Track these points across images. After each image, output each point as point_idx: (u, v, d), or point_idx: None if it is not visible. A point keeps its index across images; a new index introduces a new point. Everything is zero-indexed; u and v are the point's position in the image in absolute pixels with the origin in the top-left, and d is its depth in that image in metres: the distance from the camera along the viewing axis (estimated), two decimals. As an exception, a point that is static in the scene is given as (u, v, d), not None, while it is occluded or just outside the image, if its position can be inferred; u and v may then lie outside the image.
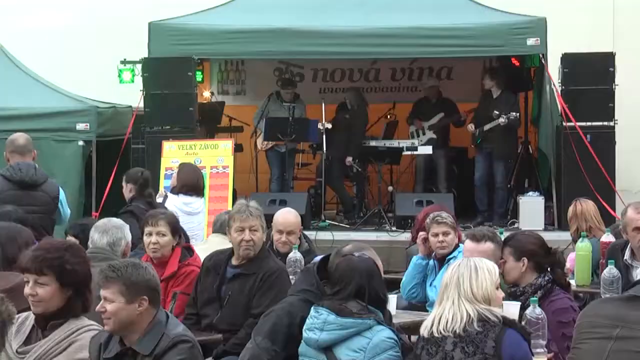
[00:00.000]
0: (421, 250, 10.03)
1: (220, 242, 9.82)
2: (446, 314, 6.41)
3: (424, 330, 6.51)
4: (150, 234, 9.15)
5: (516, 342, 6.32)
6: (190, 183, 12.60)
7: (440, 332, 6.38)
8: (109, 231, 8.76)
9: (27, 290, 6.50)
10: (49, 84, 17.34)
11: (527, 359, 6.36)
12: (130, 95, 17.08)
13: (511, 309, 6.88)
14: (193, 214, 12.34)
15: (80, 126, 16.17)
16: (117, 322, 6.13)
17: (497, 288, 6.46)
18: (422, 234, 10.09)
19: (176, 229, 9.32)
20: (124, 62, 17.37)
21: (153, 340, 6.16)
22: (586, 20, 18.06)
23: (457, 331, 6.32)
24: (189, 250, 9.57)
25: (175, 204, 12.16)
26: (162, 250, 9.09)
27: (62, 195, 11.49)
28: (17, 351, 6.50)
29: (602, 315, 6.28)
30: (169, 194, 12.51)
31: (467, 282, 6.39)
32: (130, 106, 17.08)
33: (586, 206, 11.54)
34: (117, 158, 16.34)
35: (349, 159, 16.97)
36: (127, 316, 6.12)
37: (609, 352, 6.08)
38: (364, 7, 16.41)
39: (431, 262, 10.06)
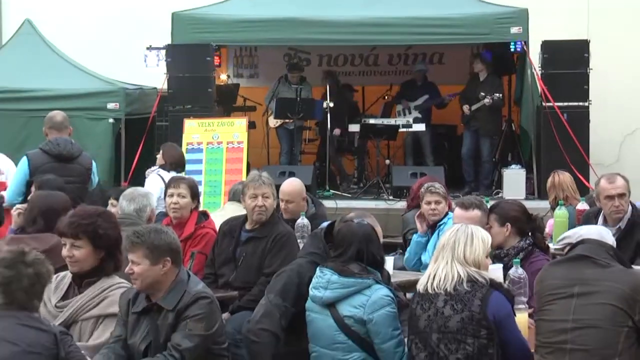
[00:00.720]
0: (421, 229, 10.03)
1: (235, 209, 9.82)
2: (439, 272, 6.43)
3: (419, 286, 6.54)
4: (172, 195, 9.21)
5: (500, 302, 6.33)
6: (177, 160, 12.70)
7: (434, 289, 6.40)
8: (135, 199, 8.80)
9: (64, 252, 6.54)
10: (83, 68, 17.34)
11: (509, 318, 6.37)
12: (155, 78, 17.07)
13: (496, 273, 6.87)
14: None
15: (111, 106, 16.20)
16: (144, 282, 6.17)
17: (487, 256, 6.48)
18: (418, 212, 10.12)
19: (195, 193, 9.34)
20: (149, 48, 17.35)
21: (176, 297, 6.18)
22: (563, 6, 17.99)
23: (448, 289, 6.34)
24: (204, 215, 9.60)
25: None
26: (181, 210, 9.12)
27: (94, 167, 11.50)
28: (56, 305, 6.56)
29: (558, 277, 6.36)
30: (160, 170, 12.49)
31: (462, 246, 6.41)
32: (155, 88, 17.10)
33: (563, 177, 11.57)
34: (144, 134, 16.40)
35: (337, 130, 17.02)
36: (153, 276, 6.16)
37: (574, 307, 6.14)
38: (364, -2, 16.41)
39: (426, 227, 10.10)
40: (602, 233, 6.61)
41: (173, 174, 12.12)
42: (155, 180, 12.13)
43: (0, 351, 5.34)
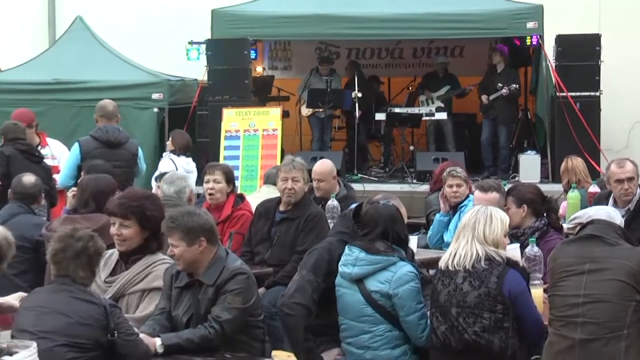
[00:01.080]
0: (443, 208, 10.03)
1: (270, 192, 9.85)
2: (460, 251, 6.45)
3: (441, 264, 6.57)
4: (208, 181, 9.25)
5: (516, 279, 6.36)
6: (185, 145, 12.83)
7: (454, 267, 6.42)
8: (175, 182, 8.88)
9: (113, 230, 6.60)
10: (130, 61, 17.38)
11: (524, 294, 6.40)
12: (196, 70, 17.11)
13: (513, 252, 6.88)
14: (190, 172, 12.40)
15: (155, 96, 16.23)
16: (184, 262, 6.22)
17: (505, 236, 6.50)
18: (441, 192, 10.12)
19: (230, 178, 9.37)
20: (191, 42, 17.39)
21: (215, 273, 6.21)
22: (577, 2, 17.90)
23: (467, 267, 6.37)
24: (241, 198, 9.63)
25: (180, 163, 12.26)
26: (217, 195, 9.15)
27: (140, 152, 11.54)
28: (105, 280, 6.61)
29: (571, 255, 6.35)
30: (171, 155, 12.59)
31: (482, 226, 6.43)
32: (196, 79, 17.12)
33: (576, 162, 11.53)
34: (185, 122, 16.41)
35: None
36: (191, 256, 6.20)
37: (585, 283, 6.14)
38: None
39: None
40: (610, 213, 6.59)
41: (183, 157, 12.27)
42: (167, 163, 12.37)
43: (55, 322, 5.39)
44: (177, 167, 12.26)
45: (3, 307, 6.44)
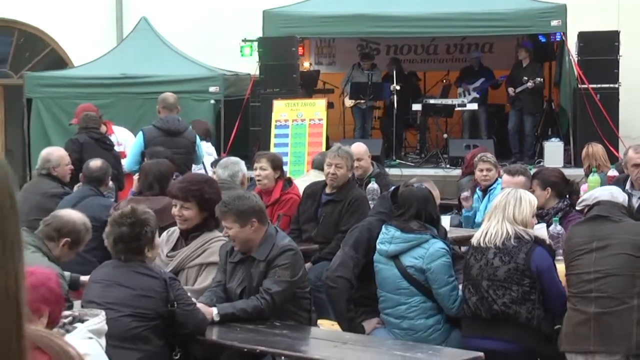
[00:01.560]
0: (466, 205, 10.03)
1: (317, 176, 9.90)
2: (491, 229, 6.49)
3: (473, 240, 6.63)
4: (256, 169, 9.28)
5: (542, 255, 6.40)
6: (204, 132, 12.97)
7: (485, 244, 6.45)
8: (229, 166, 8.93)
9: (174, 211, 6.66)
10: (189, 57, 17.45)
11: (550, 269, 6.45)
12: (249, 65, 17.16)
13: (541, 231, 6.90)
14: (210, 155, 12.53)
15: (212, 89, 16.28)
16: (239, 242, 6.28)
17: (532, 216, 6.52)
18: (463, 195, 10.13)
19: (276, 165, 9.38)
20: (244, 40, 17.45)
21: (266, 249, 6.25)
22: (597, 1, 17.75)
23: (498, 244, 6.41)
24: (289, 182, 9.65)
25: (204, 148, 12.30)
26: (264, 180, 9.17)
27: (198, 140, 11.58)
28: (167, 255, 6.68)
29: (581, 235, 6.44)
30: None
31: (512, 208, 6.46)
32: (249, 74, 17.15)
33: (596, 149, 11.48)
34: (239, 113, 16.49)
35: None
36: (245, 236, 6.24)
37: (595, 260, 6.20)
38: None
39: (478, 192, 10.07)
40: (613, 193, 6.64)
41: (203, 142, 12.25)
42: None
43: (119, 294, 5.44)
44: None
45: (83, 284, 6.55)
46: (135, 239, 5.68)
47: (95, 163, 9.28)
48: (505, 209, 6.49)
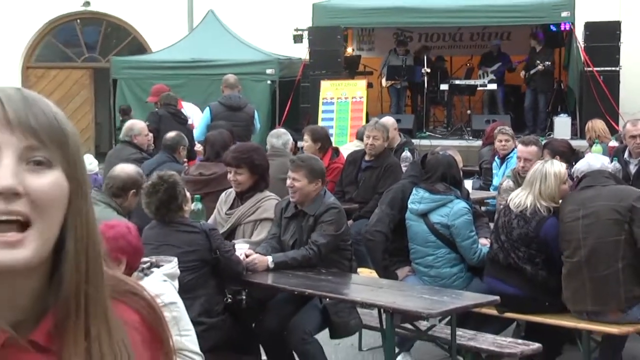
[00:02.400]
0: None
1: (358, 145, 9.93)
2: (518, 198, 6.52)
3: (509, 200, 6.64)
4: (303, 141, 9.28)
5: (552, 226, 6.39)
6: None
7: (510, 208, 6.44)
8: (281, 136, 8.95)
9: (230, 176, 6.66)
10: (249, 44, 17.49)
11: (555, 239, 6.37)
12: (300, 51, 17.13)
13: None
14: None
15: (269, 71, 16.33)
16: (300, 194, 6.27)
17: (564, 183, 6.45)
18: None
19: (316, 138, 9.42)
20: (296, 29, 17.39)
21: (316, 206, 6.25)
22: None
23: (519, 210, 6.39)
24: (337, 152, 9.65)
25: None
26: (306, 150, 9.13)
27: (256, 115, 11.61)
28: (225, 213, 6.68)
29: (570, 204, 6.35)
30: None
31: (538, 184, 6.45)
32: (300, 58, 17.16)
33: (594, 123, 11.44)
34: (291, 92, 16.49)
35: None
36: (307, 191, 6.24)
37: (581, 227, 6.12)
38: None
39: (497, 159, 10.04)
40: (590, 162, 6.56)
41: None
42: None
43: (169, 253, 5.39)
44: None
45: None
46: (174, 199, 5.60)
47: (170, 134, 9.35)
48: (534, 184, 6.45)
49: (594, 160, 6.57)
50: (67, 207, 1.26)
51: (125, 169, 6.50)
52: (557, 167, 6.52)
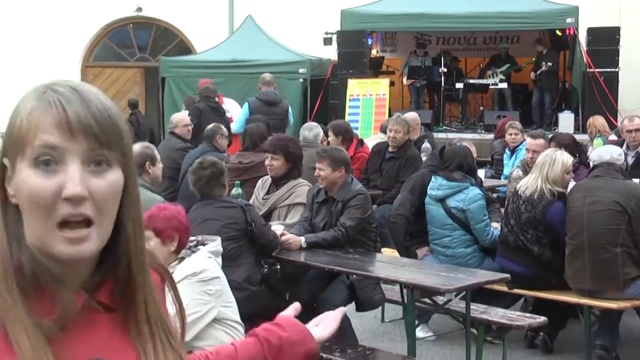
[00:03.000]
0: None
1: (382, 137, 9.88)
2: (527, 182, 6.51)
3: (517, 187, 6.61)
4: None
5: (558, 209, 6.39)
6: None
7: (519, 193, 6.42)
8: (312, 129, 8.95)
9: (267, 162, 6.68)
10: (284, 46, 17.41)
11: (560, 223, 6.33)
12: (330, 52, 17.06)
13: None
14: None
15: (301, 70, 16.27)
16: (327, 181, 6.28)
17: (567, 173, 6.42)
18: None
19: (337, 132, 9.43)
20: (326, 33, 17.32)
21: (344, 192, 6.25)
22: (603, 2, 17.33)
23: (527, 195, 6.39)
24: (361, 143, 9.63)
25: None
26: (332, 144, 9.06)
27: (290, 110, 11.61)
28: (262, 198, 6.68)
29: (581, 190, 6.33)
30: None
31: (546, 168, 6.43)
32: (329, 59, 17.05)
33: (595, 119, 11.39)
34: (321, 89, 16.45)
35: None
36: (332, 179, 6.24)
37: (586, 212, 6.10)
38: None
39: (507, 151, 9.99)
40: (613, 154, 6.45)
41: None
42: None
43: (213, 226, 5.43)
44: None
45: None
46: (219, 175, 5.71)
47: (210, 126, 9.39)
48: (542, 168, 6.42)
49: (605, 152, 6.51)
50: (121, 198, 1.32)
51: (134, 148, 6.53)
52: (565, 157, 6.52)
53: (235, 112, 12.03)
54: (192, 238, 4.58)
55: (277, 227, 6.15)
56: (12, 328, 1.25)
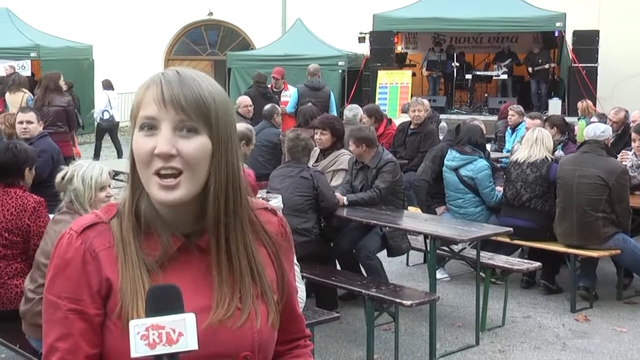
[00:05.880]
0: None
1: (405, 117, 9.77)
2: (528, 152, 6.44)
3: (514, 159, 6.52)
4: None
5: (555, 169, 6.38)
6: (107, 83, 13.57)
7: (521, 160, 6.37)
8: (352, 110, 9.10)
9: (316, 137, 6.66)
10: (326, 43, 17.27)
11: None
12: (363, 48, 16.92)
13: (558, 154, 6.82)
14: (114, 99, 13.56)
15: (340, 63, 16.22)
16: (355, 154, 6.24)
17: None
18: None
19: (370, 114, 9.16)
20: (361, 33, 17.16)
21: (376, 160, 6.23)
22: (585, 8, 16.97)
23: (531, 161, 6.35)
24: (390, 121, 9.54)
25: (111, 96, 13.30)
26: (366, 124, 8.96)
27: (332, 95, 11.55)
28: (312, 165, 6.66)
29: (571, 163, 6.22)
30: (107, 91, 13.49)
31: (546, 141, 6.47)
32: (363, 54, 16.94)
33: (585, 104, 11.15)
34: (356, 79, 16.34)
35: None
36: (358, 152, 6.29)
37: (575, 184, 6.02)
38: (477, 5, 15.77)
39: (509, 130, 9.88)
40: (588, 131, 6.34)
41: (109, 91, 13.36)
42: (103, 97, 13.40)
43: (290, 183, 5.54)
44: (109, 99, 13.29)
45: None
46: (310, 148, 5.96)
47: (267, 106, 9.32)
48: (542, 141, 6.37)
49: (591, 130, 6.42)
50: (210, 159, 1.31)
51: (238, 127, 6.52)
52: (545, 132, 6.56)
53: (288, 95, 11.95)
54: (258, 196, 4.63)
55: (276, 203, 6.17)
56: (122, 258, 1.31)
